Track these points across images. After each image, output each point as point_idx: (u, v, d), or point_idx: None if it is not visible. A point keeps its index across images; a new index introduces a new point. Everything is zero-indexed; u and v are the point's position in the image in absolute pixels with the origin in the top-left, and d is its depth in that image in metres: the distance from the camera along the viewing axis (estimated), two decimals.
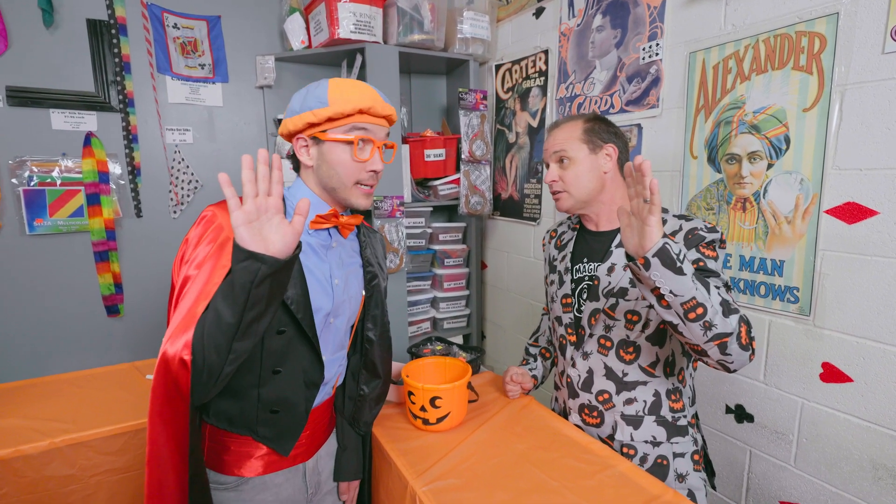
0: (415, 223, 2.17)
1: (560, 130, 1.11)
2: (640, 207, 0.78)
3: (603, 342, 1.09)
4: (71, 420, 1.17)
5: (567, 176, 1.08)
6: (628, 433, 1.07)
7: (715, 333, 0.83)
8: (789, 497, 1.25)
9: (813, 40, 1.12)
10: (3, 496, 1.04)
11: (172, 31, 1.93)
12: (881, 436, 1.08)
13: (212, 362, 0.71)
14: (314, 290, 0.90)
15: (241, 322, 0.69)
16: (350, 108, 0.85)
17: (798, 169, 1.17)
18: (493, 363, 2.43)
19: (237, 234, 0.66)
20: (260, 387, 0.88)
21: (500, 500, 0.89)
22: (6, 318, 1.75)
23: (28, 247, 1.76)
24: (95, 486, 1.14)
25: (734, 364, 0.88)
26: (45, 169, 1.76)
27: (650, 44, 1.49)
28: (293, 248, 0.70)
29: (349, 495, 1.10)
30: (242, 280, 0.67)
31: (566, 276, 1.15)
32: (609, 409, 1.09)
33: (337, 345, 0.99)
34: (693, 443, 1.08)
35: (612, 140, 1.09)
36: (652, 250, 0.77)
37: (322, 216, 0.92)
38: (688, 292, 0.80)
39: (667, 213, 1.05)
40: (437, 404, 1.10)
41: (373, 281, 1.03)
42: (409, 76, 2.34)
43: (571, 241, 1.18)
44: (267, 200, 0.69)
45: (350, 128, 0.87)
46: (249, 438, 0.91)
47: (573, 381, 1.15)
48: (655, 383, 1.07)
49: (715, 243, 0.98)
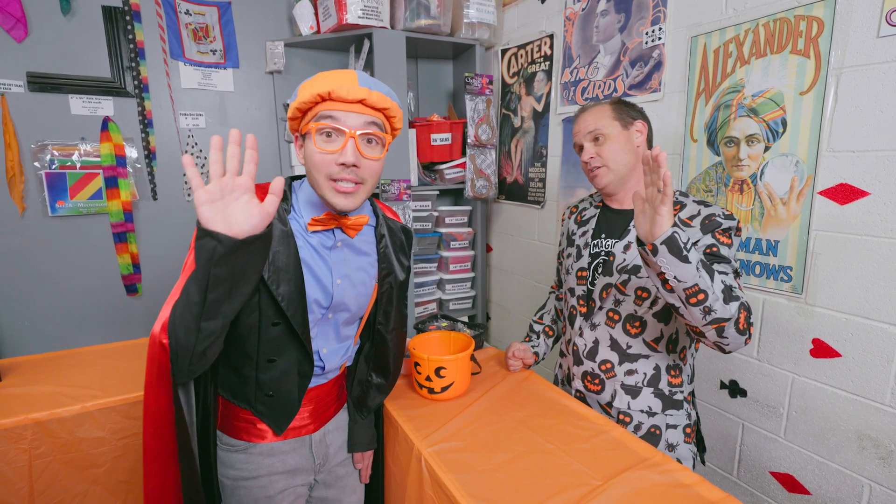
0: (421, 206, 2.22)
1: (589, 113, 1.15)
2: (654, 196, 0.82)
3: (611, 315, 1.14)
4: (99, 387, 1.26)
5: (604, 151, 1.12)
6: (626, 402, 1.13)
7: (713, 318, 0.88)
8: (779, 467, 1.31)
9: (811, 24, 1.14)
10: (40, 455, 1.13)
11: (184, 18, 1.97)
12: (866, 408, 1.13)
13: (183, 342, 0.72)
14: (311, 287, 0.90)
15: (206, 301, 0.68)
16: (309, 95, 0.80)
17: (794, 151, 1.20)
18: (496, 343, 2.50)
19: (199, 213, 0.65)
20: (258, 371, 0.92)
21: (499, 461, 0.95)
22: (34, 296, 1.84)
23: (51, 228, 1.84)
24: (124, 447, 1.22)
25: (730, 346, 0.93)
26: (65, 153, 1.83)
27: (653, 28, 1.51)
28: (261, 228, 0.67)
29: (364, 464, 1.14)
30: (201, 259, 0.66)
31: (584, 250, 1.20)
32: (610, 378, 1.15)
33: (339, 336, 1.00)
34: (687, 417, 1.14)
35: (640, 117, 1.14)
36: (661, 238, 0.82)
37: (317, 219, 0.88)
38: (691, 279, 0.84)
39: (686, 198, 1.09)
40: (441, 374, 1.16)
41: (387, 277, 1.00)
42: (416, 61, 2.37)
43: (594, 218, 1.22)
44: (234, 180, 0.66)
45: (318, 117, 0.82)
46: (251, 412, 0.95)
47: (579, 350, 1.20)
48: (657, 358, 1.12)
49: (731, 230, 1.01)
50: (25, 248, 1.81)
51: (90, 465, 1.19)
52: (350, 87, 0.80)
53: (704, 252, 0.99)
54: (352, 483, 1.13)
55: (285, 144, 2.19)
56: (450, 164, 2.20)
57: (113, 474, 1.22)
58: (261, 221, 0.67)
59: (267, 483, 0.97)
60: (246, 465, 0.96)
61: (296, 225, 0.91)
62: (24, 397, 1.20)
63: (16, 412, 1.13)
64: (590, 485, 0.87)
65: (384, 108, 0.84)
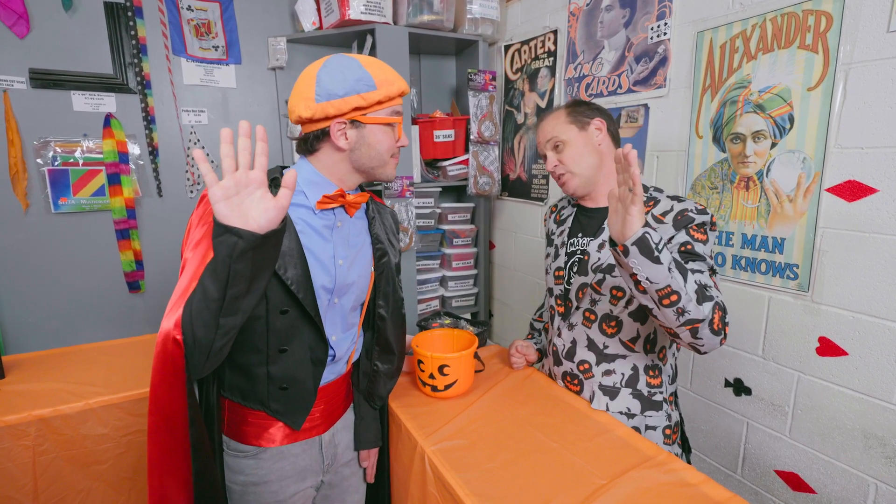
0: (424, 203, 2.21)
1: (545, 122, 1.17)
2: (625, 195, 0.81)
3: (588, 315, 1.13)
4: (102, 384, 1.26)
5: (565, 157, 1.12)
6: (604, 403, 1.12)
7: (687, 319, 0.87)
8: (783, 466, 1.30)
9: (819, 19, 1.13)
10: (44, 451, 1.13)
11: (186, 13, 1.96)
12: (873, 406, 1.12)
13: (200, 338, 0.71)
14: (315, 271, 0.91)
15: (225, 297, 0.69)
16: (396, 91, 0.88)
17: (801, 148, 1.19)
18: (499, 341, 2.49)
19: (215, 209, 0.65)
20: (269, 365, 0.91)
21: (503, 460, 0.95)
22: (37, 293, 1.84)
23: (54, 225, 1.84)
24: (127, 444, 1.22)
25: (704, 347, 0.91)
26: (67, 149, 1.83)
27: (658, 23, 1.49)
28: (276, 223, 0.68)
29: (369, 462, 1.14)
30: (221, 255, 0.66)
31: (561, 249, 1.20)
32: (588, 379, 1.14)
33: (345, 324, 1.01)
34: (667, 418, 1.12)
35: (597, 115, 1.13)
36: (631, 238, 0.81)
37: (328, 196, 0.91)
38: (663, 280, 0.83)
39: (661, 193, 1.07)
40: (444, 372, 1.16)
41: (382, 258, 1.03)
42: (419, 57, 2.36)
43: (570, 217, 1.22)
44: (248, 174, 0.66)
45: (392, 111, 0.91)
46: (264, 413, 0.94)
47: (558, 350, 1.20)
48: (634, 358, 1.10)
49: (705, 226, 1.00)
50: (29, 245, 1.81)
51: (93, 462, 1.19)
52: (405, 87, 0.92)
53: (679, 250, 0.98)
54: (355, 483, 1.13)
55: (287, 141, 2.18)
56: (453, 161, 2.19)
57: (116, 471, 1.23)
58: (276, 216, 0.68)
59: (277, 488, 0.97)
60: (256, 471, 0.96)
61: (293, 210, 0.91)
62: (27, 394, 1.20)
63: (19, 409, 1.13)
64: (595, 484, 0.87)
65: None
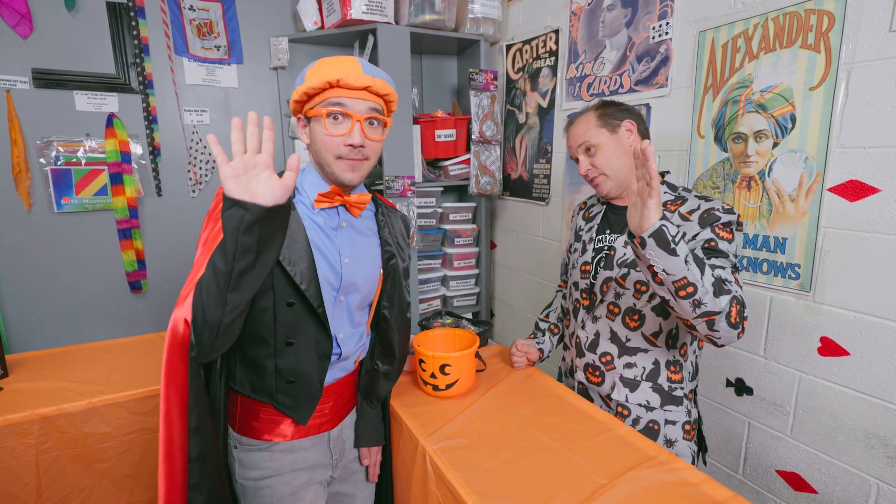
0: (425, 203, 2.21)
1: (576, 126, 1.16)
2: (643, 189, 0.83)
3: (612, 308, 1.15)
4: (105, 383, 1.26)
5: (598, 161, 1.12)
6: (624, 394, 1.13)
7: (703, 311, 0.88)
8: (785, 466, 1.30)
9: (822, 18, 1.13)
10: (47, 450, 1.13)
11: (188, 13, 1.97)
12: (875, 406, 1.12)
13: (209, 315, 0.74)
14: (322, 267, 0.92)
15: (233, 271, 0.72)
16: (319, 81, 0.85)
17: (803, 147, 1.19)
18: (501, 340, 2.49)
19: (225, 186, 0.70)
20: (276, 358, 0.93)
21: (504, 459, 0.95)
22: (40, 292, 1.85)
23: (57, 224, 1.85)
24: (129, 443, 1.23)
25: (721, 339, 0.93)
26: (70, 149, 1.83)
27: (660, 23, 1.49)
28: (283, 200, 0.72)
29: (371, 460, 1.14)
30: (229, 227, 0.70)
31: (589, 245, 1.21)
32: (610, 371, 1.16)
33: (353, 322, 1.01)
34: (686, 414, 1.13)
35: (626, 116, 1.13)
36: (648, 231, 0.83)
37: (323, 195, 0.93)
38: (679, 272, 0.84)
39: (689, 193, 1.09)
40: (446, 371, 1.16)
41: (390, 261, 1.04)
42: (421, 57, 2.36)
43: (600, 215, 1.23)
44: (255, 157, 0.71)
45: (327, 103, 0.87)
46: (272, 407, 0.96)
47: (581, 342, 1.21)
48: (656, 352, 1.12)
49: (731, 225, 1.01)
50: (31, 245, 1.82)
51: (97, 460, 1.20)
52: (357, 76, 0.86)
53: (702, 246, 0.99)
54: (363, 478, 1.14)
55: (289, 141, 2.18)
56: (454, 161, 2.19)
57: (119, 469, 1.23)
58: (282, 194, 0.72)
59: (290, 478, 0.99)
60: (269, 464, 0.97)
61: (301, 207, 0.94)
62: (30, 393, 1.21)
63: (23, 407, 1.14)
64: (596, 483, 0.87)
65: (385, 94, 0.91)
